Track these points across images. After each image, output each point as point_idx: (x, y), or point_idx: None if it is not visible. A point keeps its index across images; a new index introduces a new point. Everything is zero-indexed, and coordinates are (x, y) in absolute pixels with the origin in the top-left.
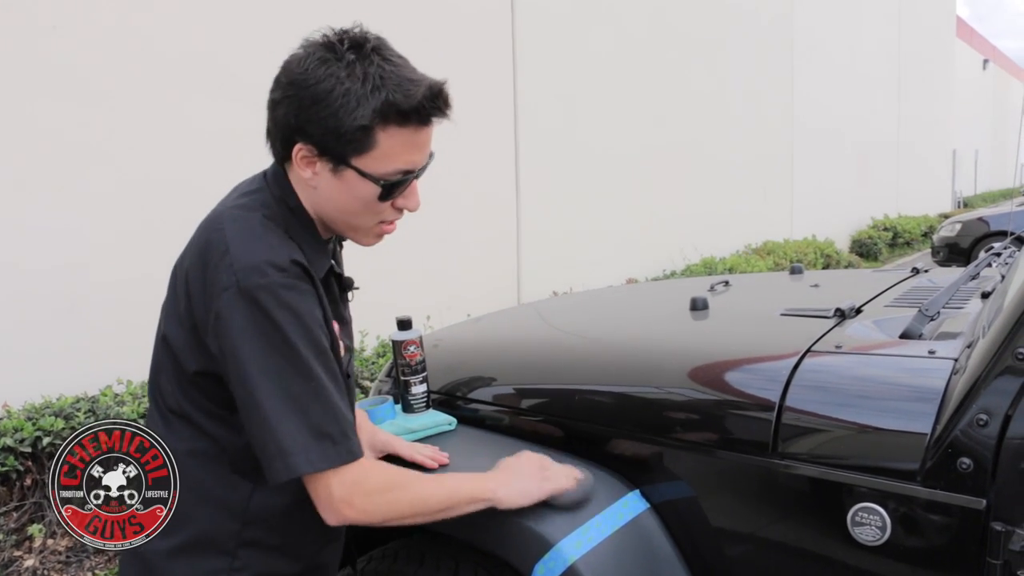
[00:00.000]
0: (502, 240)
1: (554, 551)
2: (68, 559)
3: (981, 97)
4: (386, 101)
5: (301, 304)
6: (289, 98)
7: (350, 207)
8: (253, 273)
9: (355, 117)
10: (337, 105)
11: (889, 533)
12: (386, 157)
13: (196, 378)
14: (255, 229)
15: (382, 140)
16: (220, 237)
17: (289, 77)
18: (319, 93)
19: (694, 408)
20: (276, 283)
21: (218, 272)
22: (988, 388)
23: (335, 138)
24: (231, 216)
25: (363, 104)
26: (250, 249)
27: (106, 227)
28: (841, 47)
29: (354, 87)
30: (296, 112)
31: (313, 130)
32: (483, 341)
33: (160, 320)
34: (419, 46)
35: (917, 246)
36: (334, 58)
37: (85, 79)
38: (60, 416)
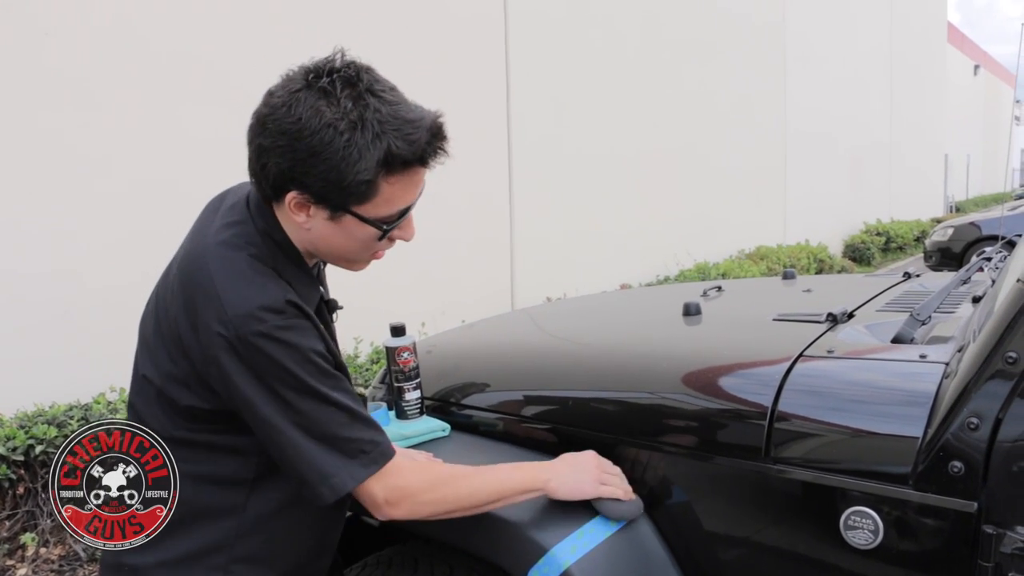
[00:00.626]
0: (496, 246)
1: (548, 556)
2: (61, 568)
3: (973, 102)
4: (388, 152)
5: (302, 341)
6: (281, 147)
7: (346, 248)
8: (249, 321)
9: (357, 171)
10: (338, 159)
11: (881, 537)
12: (386, 203)
13: (185, 410)
14: (244, 272)
15: (383, 188)
16: (208, 282)
17: (280, 126)
18: (316, 146)
19: (687, 413)
20: (274, 327)
21: (210, 321)
22: (979, 392)
23: (335, 190)
24: (217, 256)
25: (365, 156)
26: (241, 295)
27: (99, 233)
28: (833, 52)
29: (354, 138)
30: (291, 164)
31: (311, 182)
32: (477, 347)
33: (137, 354)
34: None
35: (910, 251)
36: (327, 105)
37: (80, 85)
38: (53, 424)
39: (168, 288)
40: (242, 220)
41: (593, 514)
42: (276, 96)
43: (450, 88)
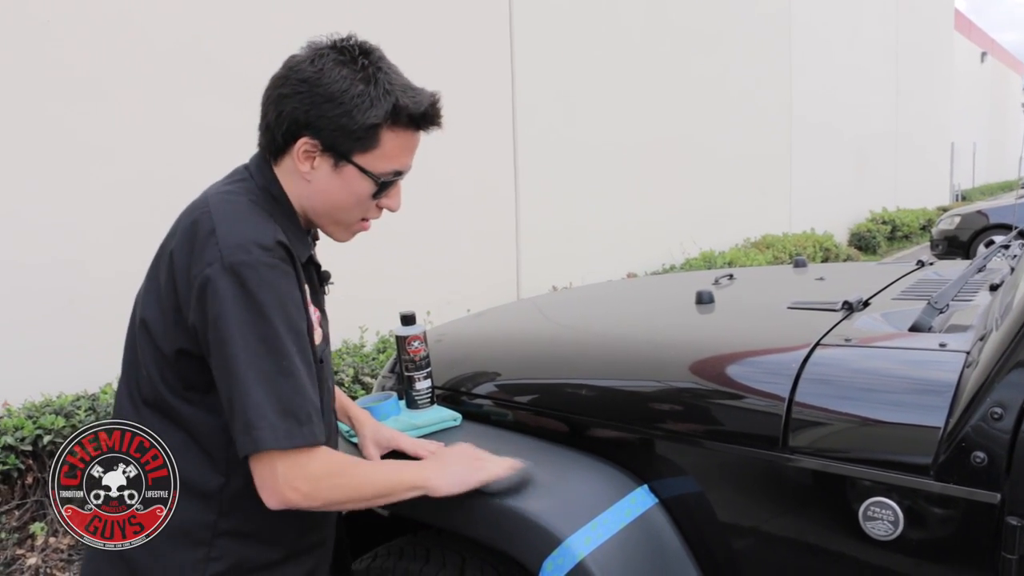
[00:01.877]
0: (501, 235)
1: (563, 547)
2: (70, 557)
3: (979, 90)
4: (397, 104)
5: (282, 284)
6: (301, 94)
7: (342, 201)
8: (238, 250)
9: (368, 116)
10: (352, 104)
11: (902, 528)
12: (385, 157)
13: (174, 359)
14: (241, 210)
15: (385, 141)
16: (207, 217)
17: (301, 75)
18: (334, 92)
19: (703, 402)
20: (260, 261)
21: (204, 249)
22: (1002, 381)
23: (344, 135)
24: (217, 198)
25: (376, 105)
26: (236, 228)
27: (105, 223)
28: (839, 40)
29: (368, 89)
30: (307, 108)
31: (323, 125)
32: (487, 336)
33: (135, 309)
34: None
35: (916, 239)
36: (348, 60)
37: (82, 75)
38: (61, 414)
39: (169, 235)
40: (242, 178)
41: (607, 504)
42: (298, 57)
43: (455, 78)
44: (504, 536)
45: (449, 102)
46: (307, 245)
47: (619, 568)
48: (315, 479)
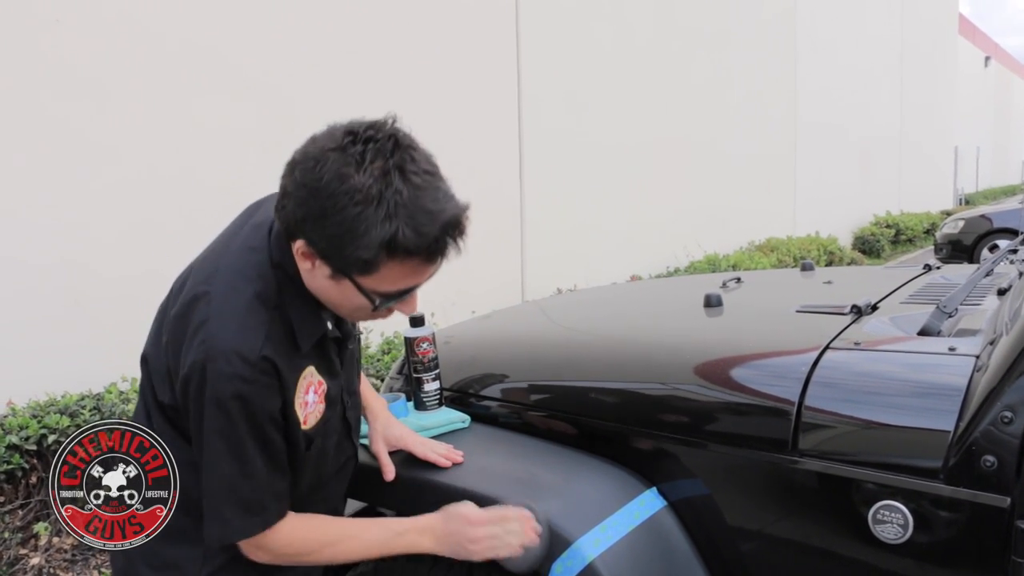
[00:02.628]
0: (506, 236)
1: (572, 549)
2: (74, 557)
3: (983, 94)
4: (394, 236)
5: (255, 398)
6: (299, 198)
7: (341, 306)
8: (219, 358)
9: (359, 245)
10: (345, 228)
11: (911, 531)
12: (387, 281)
13: (164, 408)
14: (239, 310)
15: (384, 270)
16: (205, 304)
17: (304, 177)
18: (329, 209)
19: (712, 405)
20: (237, 375)
21: (192, 343)
22: (1013, 385)
23: (338, 255)
24: (224, 281)
25: (371, 233)
26: (226, 331)
27: (110, 223)
28: (844, 43)
29: (367, 212)
30: (303, 215)
31: (317, 238)
32: (496, 338)
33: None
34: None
35: (919, 243)
36: (353, 172)
37: (88, 74)
38: (65, 414)
39: (181, 287)
40: (258, 248)
41: (616, 507)
42: (313, 145)
43: (461, 78)
44: None
45: (455, 102)
46: (320, 323)
47: (628, 570)
48: (277, 555)
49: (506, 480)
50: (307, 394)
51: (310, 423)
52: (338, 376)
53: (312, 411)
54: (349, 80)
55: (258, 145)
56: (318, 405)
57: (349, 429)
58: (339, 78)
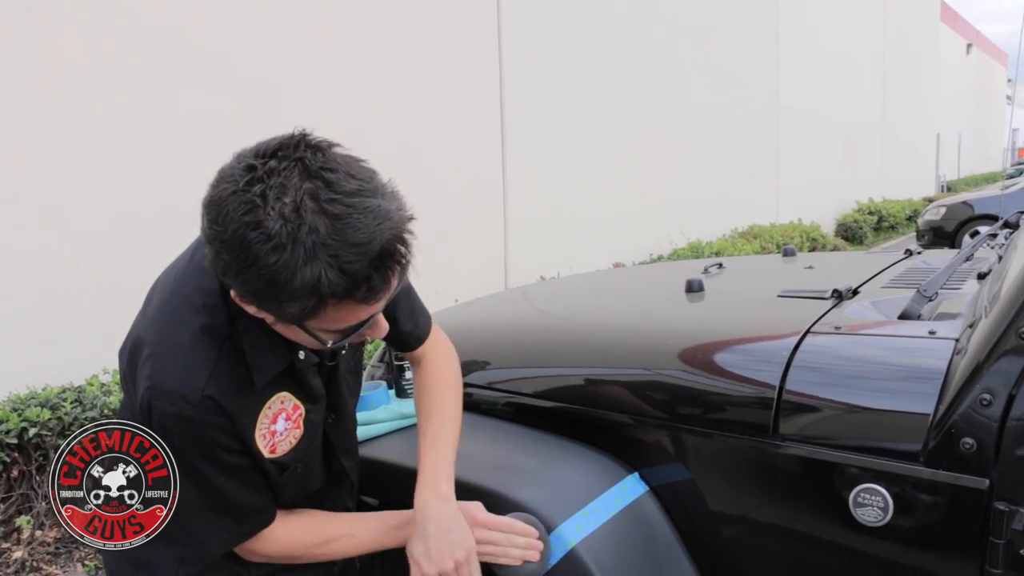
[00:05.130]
0: (489, 225)
1: (553, 535)
2: (57, 550)
3: (965, 81)
4: (318, 282)
5: (203, 437)
6: (215, 249)
7: (306, 343)
8: (163, 398)
9: (287, 297)
10: (267, 280)
11: (891, 514)
12: (332, 322)
13: None
14: (182, 348)
15: (324, 313)
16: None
17: (211, 228)
18: (245, 261)
19: (693, 390)
20: (180, 415)
21: (138, 379)
22: (992, 368)
23: (272, 305)
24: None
25: (295, 279)
26: (167, 371)
27: (91, 212)
28: (827, 31)
29: (282, 259)
30: (224, 268)
31: (244, 292)
32: (477, 325)
33: None
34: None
35: (902, 230)
36: (260, 214)
37: (68, 62)
38: (46, 407)
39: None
40: (209, 272)
41: (598, 492)
42: (216, 188)
43: (443, 69)
44: None
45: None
46: (282, 354)
47: (610, 555)
48: (269, 556)
49: (488, 466)
50: (274, 423)
51: (280, 451)
52: (319, 400)
53: (283, 439)
54: (332, 71)
55: (241, 135)
56: (292, 431)
57: (334, 449)
58: (322, 69)
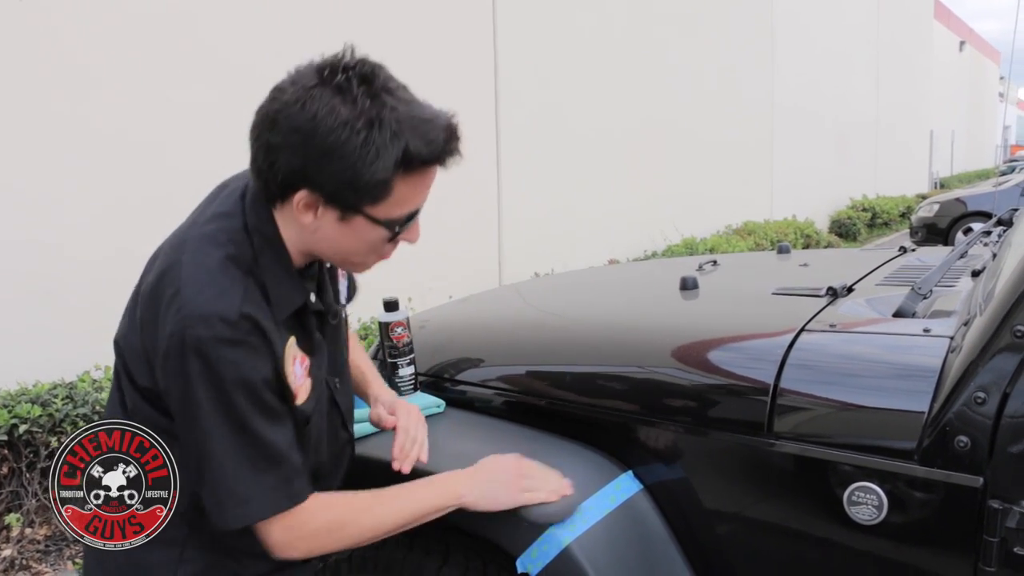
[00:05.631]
0: (483, 221)
1: (547, 534)
2: (47, 548)
3: (958, 78)
4: (407, 151)
5: (245, 361)
6: (293, 145)
7: (353, 249)
8: (199, 324)
9: (374, 170)
10: (355, 158)
11: (886, 512)
12: (398, 204)
13: (143, 391)
14: (212, 271)
15: (398, 189)
16: (175, 273)
17: (292, 123)
18: (332, 145)
19: (687, 388)
20: (221, 337)
21: (167, 313)
22: (986, 366)
23: (350, 190)
24: (193, 248)
25: (383, 155)
26: (201, 296)
27: (81, 204)
28: (821, 27)
29: (371, 136)
30: (303, 162)
31: (324, 181)
32: (471, 322)
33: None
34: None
35: (895, 226)
36: (343, 102)
37: (59, 51)
38: (37, 403)
39: (150, 265)
40: (230, 213)
41: (592, 491)
42: (287, 92)
43: (438, 65)
44: (488, 524)
45: (431, 88)
46: (300, 291)
47: (604, 554)
48: (313, 536)
49: None
50: (294, 366)
51: (301, 398)
52: (319, 354)
53: (302, 385)
54: None
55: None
56: (305, 380)
57: (341, 414)
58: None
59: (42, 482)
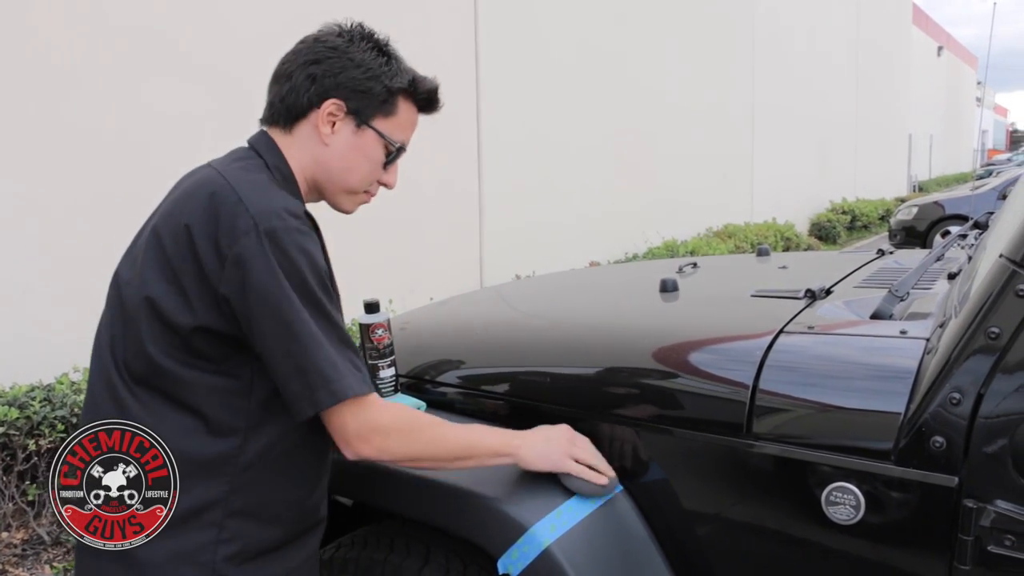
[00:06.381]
0: (464, 223)
1: (528, 535)
2: (24, 552)
3: (936, 83)
4: (415, 78)
5: (315, 250)
6: (331, 59)
7: (356, 164)
8: (272, 217)
9: (393, 81)
10: (380, 70)
11: (863, 512)
12: (399, 127)
13: (189, 333)
14: (264, 183)
15: (402, 110)
16: (228, 189)
17: (331, 43)
18: (362, 59)
19: (667, 390)
20: (293, 227)
21: (235, 218)
22: (961, 367)
23: (369, 98)
24: (234, 173)
25: (398, 75)
26: (264, 197)
27: (60, 204)
28: (801, 32)
29: (391, 62)
30: (338, 71)
31: (352, 87)
32: (452, 324)
33: (121, 288)
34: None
35: (875, 229)
36: (370, 40)
37: (38, 47)
38: (14, 405)
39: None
40: (249, 156)
41: (572, 492)
42: (324, 29)
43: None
44: (469, 525)
45: None
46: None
47: (584, 555)
48: (385, 433)
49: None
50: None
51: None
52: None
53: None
54: None
55: (217, 128)
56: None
57: None
58: None
59: (19, 485)
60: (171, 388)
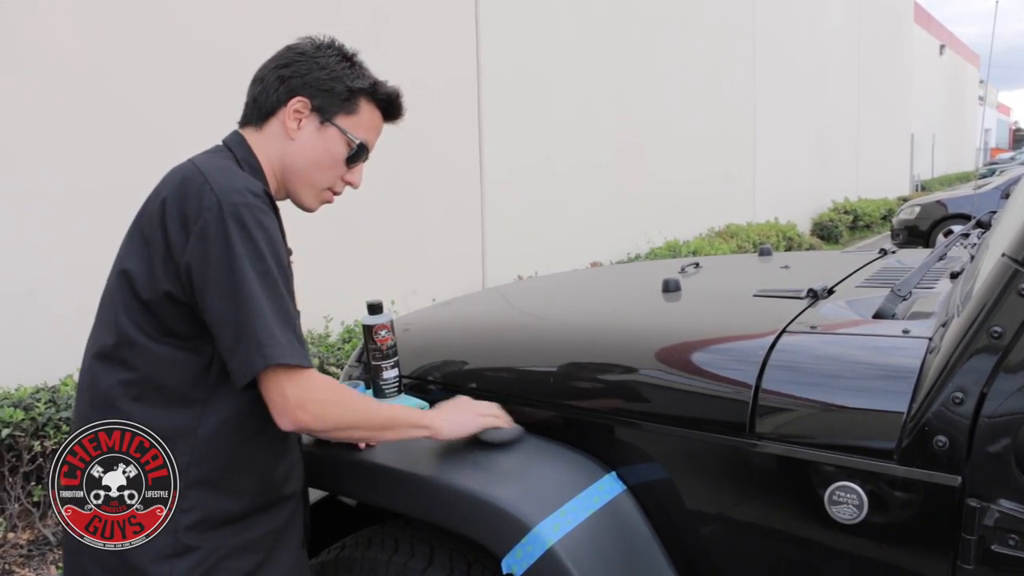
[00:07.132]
0: (467, 225)
1: (532, 535)
2: (30, 552)
3: (938, 82)
4: (376, 84)
5: (271, 227)
6: (299, 63)
7: (320, 159)
8: (234, 194)
9: (353, 82)
10: (341, 73)
11: (866, 511)
12: (361, 126)
13: (156, 304)
14: (229, 166)
15: (363, 110)
16: (196, 171)
17: (299, 50)
18: (327, 63)
19: (670, 389)
20: (252, 205)
21: (201, 196)
22: (964, 366)
23: (331, 97)
24: (202, 160)
25: (359, 78)
26: (228, 178)
27: (66, 204)
28: (802, 31)
29: (354, 66)
30: (304, 73)
31: (316, 86)
32: (455, 325)
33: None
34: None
35: (877, 229)
36: (337, 49)
37: (37, 52)
38: (20, 407)
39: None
40: (220, 150)
41: (576, 492)
42: (296, 42)
43: (420, 66)
44: (473, 524)
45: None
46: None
47: (588, 555)
48: (321, 402)
49: (465, 465)
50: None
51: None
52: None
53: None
54: None
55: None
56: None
57: None
58: None
59: (25, 486)
60: (136, 360)
